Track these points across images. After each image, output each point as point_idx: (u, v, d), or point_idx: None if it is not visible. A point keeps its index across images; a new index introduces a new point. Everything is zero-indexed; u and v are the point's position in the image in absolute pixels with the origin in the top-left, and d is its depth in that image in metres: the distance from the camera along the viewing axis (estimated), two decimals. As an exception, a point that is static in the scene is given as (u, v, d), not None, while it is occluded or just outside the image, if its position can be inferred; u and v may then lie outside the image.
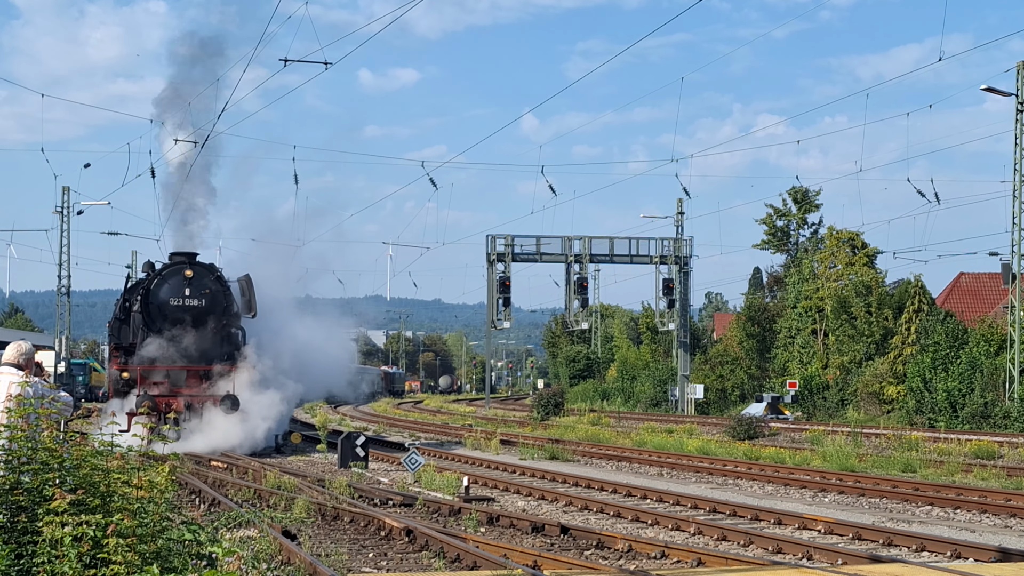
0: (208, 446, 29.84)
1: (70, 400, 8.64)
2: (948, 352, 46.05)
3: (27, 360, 8.75)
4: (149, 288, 31.86)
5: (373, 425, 48.54)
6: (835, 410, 52.63)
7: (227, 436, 30.40)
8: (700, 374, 65.88)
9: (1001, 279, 53.04)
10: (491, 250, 60.28)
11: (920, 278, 54.41)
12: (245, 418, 30.77)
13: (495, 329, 62.33)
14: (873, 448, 31.92)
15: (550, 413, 51.86)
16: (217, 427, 30.46)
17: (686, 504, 19.85)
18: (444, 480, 21.73)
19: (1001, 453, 29.96)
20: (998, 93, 41.77)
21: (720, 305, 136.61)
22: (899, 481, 23.42)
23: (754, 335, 68.22)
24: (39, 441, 7.01)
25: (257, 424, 31.07)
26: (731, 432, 37.75)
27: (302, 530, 15.30)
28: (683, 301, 63.85)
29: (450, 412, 64.86)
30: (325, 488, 20.33)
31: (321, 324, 41.52)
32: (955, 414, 43.22)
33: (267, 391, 31.64)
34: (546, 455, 30.27)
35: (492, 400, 77.86)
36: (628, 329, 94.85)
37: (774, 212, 76.51)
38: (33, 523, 6.55)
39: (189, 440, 29.99)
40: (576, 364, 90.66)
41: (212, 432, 30.39)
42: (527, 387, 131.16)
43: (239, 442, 30.48)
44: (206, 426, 30.53)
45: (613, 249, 62.34)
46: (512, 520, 16.85)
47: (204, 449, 29.48)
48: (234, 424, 30.56)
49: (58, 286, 68.72)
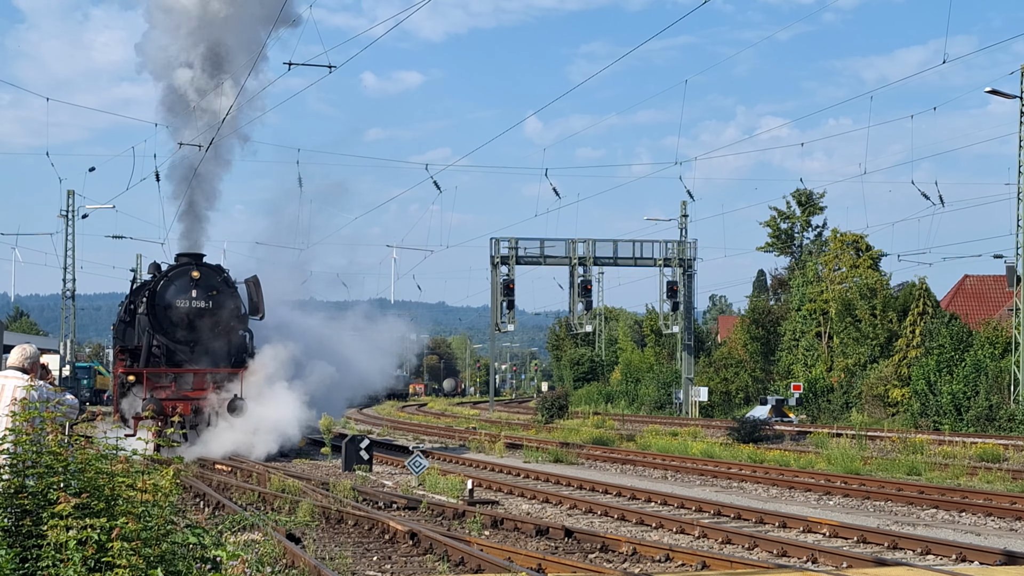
0: (219, 450, 29.64)
1: (76, 403, 8.63)
2: (953, 355, 46.00)
3: (32, 364, 8.74)
4: (155, 290, 31.26)
5: (377, 428, 48.55)
6: (839, 413, 52.57)
7: (236, 440, 30.12)
8: (704, 377, 65.82)
9: (1006, 282, 52.93)
10: (495, 253, 60.22)
11: (924, 281, 54.38)
12: (256, 422, 30.36)
13: (499, 332, 62.23)
14: (878, 451, 31.89)
15: (554, 416, 51.81)
16: (226, 430, 30.17)
17: (691, 507, 19.84)
18: (448, 483, 21.73)
19: (1006, 456, 29.91)
20: (1002, 96, 41.73)
21: (724, 308, 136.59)
22: (904, 484, 23.39)
23: (758, 338, 68.18)
24: (44, 445, 7.01)
25: (270, 428, 30.60)
26: (735, 435, 37.71)
27: (306, 533, 15.31)
28: (687, 304, 63.77)
29: (454, 415, 64.84)
30: (329, 491, 20.32)
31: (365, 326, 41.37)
32: (960, 417, 43.16)
33: (283, 393, 30.99)
34: (550, 458, 30.26)
35: (496, 403, 77.81)
36: (632, 332, 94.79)
37: (778, 215, 76.50)
38: (38, 527, 6.55)
39: (204, 445, 29.76)
40: (580, 367, 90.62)
41: (221, 436, 30.13)
42: (531, 390, 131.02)
43: (250, 447, 30.08)
44: (215, 430, 30.25)
45: (617, 252, 62.24)
46: (516, 523, 16.85)
47: (218, 453, 29.31)
48: (244, 427, 30.20)
49: (63, 290, 68.77)
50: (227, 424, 30.16)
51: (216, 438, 30.09)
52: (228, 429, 30.18)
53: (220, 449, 29.76)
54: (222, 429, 30.17)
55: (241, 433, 30.18)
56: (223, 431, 30.15)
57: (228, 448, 29.83)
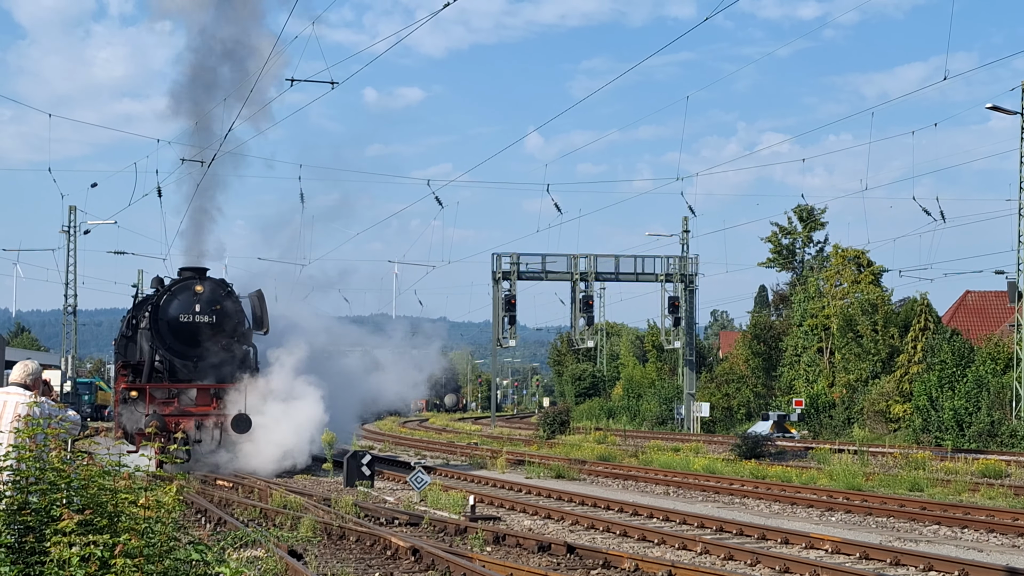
0: (226, 467, 29.57)
1: (78, 419, 8.64)
2: (954, 371, 45.97)
3: (34, 380, 8.75)
4: (158, 304, 30.84)
5: (379, 443, 48.49)
6: (841, 428, 52.50)
7: (247, 457, 29.98)
8: (706, 392, 65.77)
9: (1007, 297, 52.95)
10: (497, 268, 60.28)
11: (926, 296, 54.36)
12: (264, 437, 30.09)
13: (501, 347, 62.27)
14: (880, 467, 31.86)
15: (556, 431, 51.77)
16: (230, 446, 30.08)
17: (693, 523, 19.82)
18: (450, 499, 21.71)
19: (1008, 472, 29.87)
20: (1003, 112, 41.81)
21: (726, 323, 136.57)
22: (906, 500, 23.37)
23: (760, 353, 68.14)
24: (47, 461, 7.02)
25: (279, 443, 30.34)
26: (737, 450, 37.67)
27: (308, 549, 15.30)
28: (689, 319, 63.77)
29: (456, 431, 64.78)
30: (331, 507, 20.31)
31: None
32: (962, 433, 43.10)
33: (294, 407, 30.71)
34: (552, 474, 30.23)
35: (498, 418, 77.70)
36: (634, 347, 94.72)
37: (779, 230, 76.55)
38: (41, 543, 6.55)
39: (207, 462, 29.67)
40: (582, 382, 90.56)
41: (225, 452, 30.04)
42: (532, 405, 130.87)
43: (256, 463, 29.84)
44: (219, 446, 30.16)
45: (619, 267, 62.27)
46: (518, 539, 16.83)
47: (223, 470, 29.25)
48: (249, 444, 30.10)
49: (64, 305, 68.82)
50: (231, 440, 30.03)
51: (220, 454, 30.02)
52: (232, 445, 30.09)
53: (228, 465, 29.70)
54: (227, 445, 30.06)
55: (247, 448, 30.12)
56: (228, 447, 30.06)
57: (236, 464, 29.75)
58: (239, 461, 29.96)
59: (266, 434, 30.09)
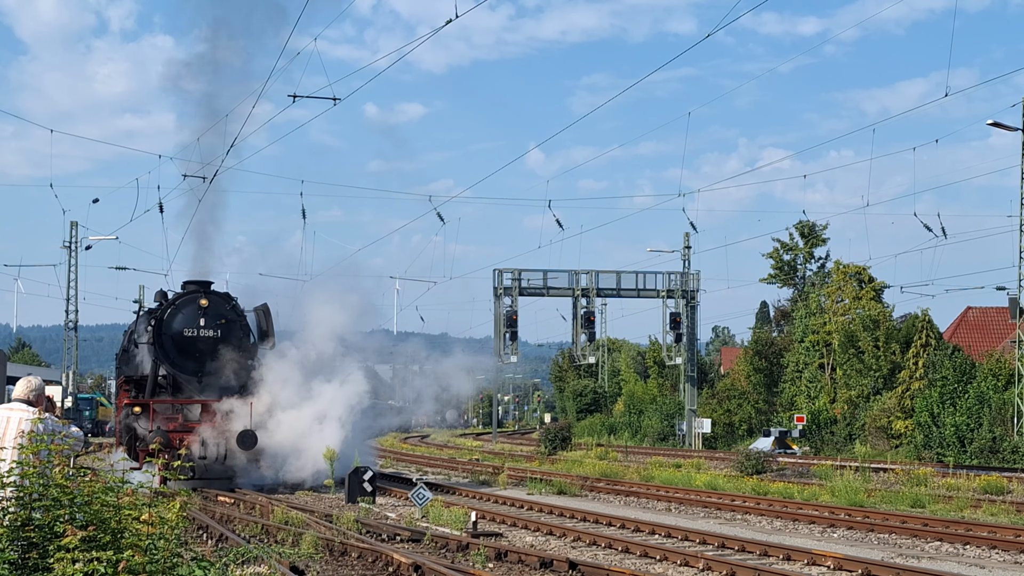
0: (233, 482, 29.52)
1: (81, 436, 8.66)
2: (956, 387, 45.96)
3: (37, 396, 8.77)
4: (162, 318, 30.30)
5: (380, 460, 48.43)
6: (843, 445, 52.48)
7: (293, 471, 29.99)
8: (707, 408, 65.76)
9: (1008, 313, 52.99)
10: (498, 284, 60.35)
11: (927, 312, 54.38)
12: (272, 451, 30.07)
13: (502, 363, 62.29)
14: (881, 483, 31.81)
15: (557, 447, 51.74)
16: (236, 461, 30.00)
17: (694, 539, 19.79)
18: (452, 515, 21.67)
19: (1010, 488, 29.83)
20: (1004, 128, 41.92)
21: (727, 339, 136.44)
22: (908, 516, 23.33)
23: (761, 369, 68.15)
24: (50, 478, 7.03)
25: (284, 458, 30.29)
26: (739, 467, 37.62)
27: (310, 566, 15.28)
28: (690, 335, 63.79)
29: (457, 447, 64.70)
30: (333, 523, 20.29)
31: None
32: (963, 449, 43.07)
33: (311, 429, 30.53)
34: (554, 490, 30.20)
35: (499, 434, 77.64)
36: (635, 363, 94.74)
37: (781, 246, 76.60)
38: (44, 560, 6.56)
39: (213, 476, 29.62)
40: (583, 398, 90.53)
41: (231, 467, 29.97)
42: (534, 421, 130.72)
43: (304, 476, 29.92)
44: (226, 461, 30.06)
45: (620, 283, 62.33)
46: (520, 556, 16.81)
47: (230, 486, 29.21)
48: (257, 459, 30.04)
49: (65, 321, 68.88)
50: (237, 456, 29.88)
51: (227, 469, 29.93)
52: (239, 460, 29.96)
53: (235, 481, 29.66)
54: (232, 460, 29.91)
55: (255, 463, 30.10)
56: (233, 462, 29.92)
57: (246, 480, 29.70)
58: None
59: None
